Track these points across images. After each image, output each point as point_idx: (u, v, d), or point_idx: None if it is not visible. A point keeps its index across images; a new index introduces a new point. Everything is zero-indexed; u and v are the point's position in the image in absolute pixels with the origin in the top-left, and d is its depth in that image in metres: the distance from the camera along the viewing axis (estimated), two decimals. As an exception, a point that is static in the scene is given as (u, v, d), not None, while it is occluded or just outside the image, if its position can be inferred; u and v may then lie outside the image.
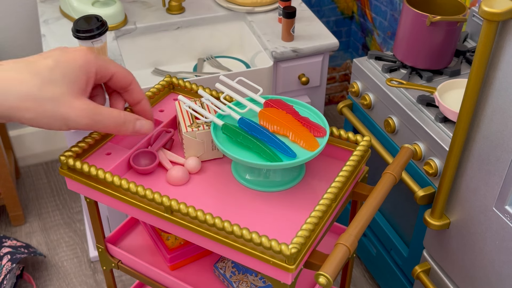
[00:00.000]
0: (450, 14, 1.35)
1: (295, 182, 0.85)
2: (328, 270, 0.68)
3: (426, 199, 1.26)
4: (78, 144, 0.86)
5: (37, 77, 0.68)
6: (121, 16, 1.54)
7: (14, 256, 1.63)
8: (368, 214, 0.76)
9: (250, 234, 0.71)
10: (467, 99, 0.95)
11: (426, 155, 1.26)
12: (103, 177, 0.80)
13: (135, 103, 0.82)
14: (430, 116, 1.26)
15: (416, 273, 1.28)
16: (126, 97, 0.82)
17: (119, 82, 0.79)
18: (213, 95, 0.95)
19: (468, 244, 1.10)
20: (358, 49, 2.27)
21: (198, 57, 1.68)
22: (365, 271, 1.78)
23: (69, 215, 1.97)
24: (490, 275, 1.06)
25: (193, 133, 0.85)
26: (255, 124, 0.82)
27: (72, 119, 0.71)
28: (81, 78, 0.72)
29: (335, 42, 1.52)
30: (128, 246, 1.02)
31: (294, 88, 1.56)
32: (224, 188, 0.85)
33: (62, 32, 1.52)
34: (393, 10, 1.94)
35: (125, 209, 0.83)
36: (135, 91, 0.81)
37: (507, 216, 0.97)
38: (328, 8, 2.18)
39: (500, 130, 0.92)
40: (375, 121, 1.44)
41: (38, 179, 2.11)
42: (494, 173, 0.96)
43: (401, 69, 1.41)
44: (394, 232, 1.50)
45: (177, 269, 0.98)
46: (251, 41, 1.59)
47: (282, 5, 1.52)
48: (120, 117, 0.76)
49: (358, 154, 0.83)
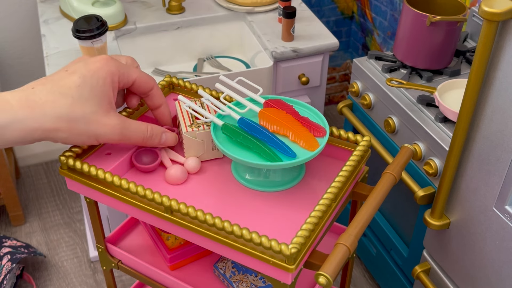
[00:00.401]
0: (450, 14, 1.35)
1: (295, 182, 0.85)
2: (328, 270, 0.68)
3: (426, 199, 1.26)
4: (78, 144, 0.86)
5: (67, 98, 0.71)
6: (121, 16, 1.54)
7: (14, 256, 1.63)
8: (368, 214, 0.76)
9: (250, 234, 0.71)
10: (467, 99, 0.95)
11: (426, 155, 1.26)
12: (103, 177, 0.80)
13: (155, 108, 0.86)
14: (430, 116, 1.26)
15: (416, 273, 1.28)
16: (147, 101, 0.85)
17: (141, 87, 0.81)
18: (213, 95, 0.95)
19: (468, 244, 1.10)
20: (358, 49, 2.27)
21: (198, 57, 1.68)
22: (365, 271, 1.78)
23: (69, 215, 1.97)
24: (490, 275, 1.06)
25: (193, 133, 0.85)
26: (255, 124, 0.82)
27: (103, 136, 0.75)
28: (108, 91, 0.75)
29: (335, 42, 1.52)
30: (128, 246, 1.02)
31: (294, 88, 1.56)
32: (224, 188, 0.85)
33: (62, 32, 1.52)
34: (393, 10, 1.94)
35: (125, 209, 0.83)
36: (156, 96, 0.84)
37: (507, 216, 0.97)
38: (328, 8, 2.18)
39: (500, 130, 0.92)
40: (375, 121, 1.44)
41: (38, 179, 2.11)
42: (494, 173, 0.96)
43: (401, 69, 1.41)
44: (394, 232, 1.50)
45: (177, 269, 0.98)
46: (251, 41, 1.59)
47: (282, 5, 1.52)
48: (147, 131, 0.80)
49: (358, 154, 0.83)
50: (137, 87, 0.81)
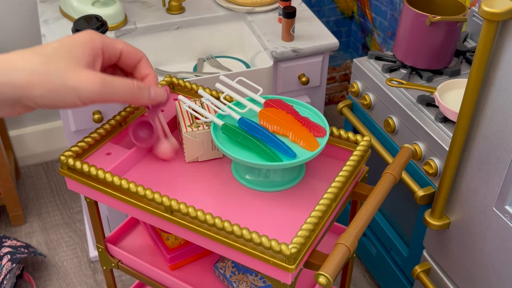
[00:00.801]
0: (450, 14, 1.35)
1: (295, 182, 0.85)
2: (328, 270, 0.68)
3: (426, 199, 1.26)
4: (78, 144, 0.86)
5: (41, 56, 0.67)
6: (121, 16, 1.54)
7: (14, 256, 1.63)
8: (368, 214, 0.76)
9: (250, 234, 0.71)
10: (467, 99, 0.95)
11: (426, 155, 1.26)
12: (103, 177, 0.80)
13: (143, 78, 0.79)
14: (430, 116, 1.26)
15: (416, 273, 1.28)
16: (135, 74, 0.79)
17: (129, 59, 0.77)
18: (213, 95, 0.95)
19: (468, 244, 1.10)
20: (358, 49, 2.27)
21: (198, 57, 1.68)
22: (365, 271, 1.78)
23: (69, 215, 1.97)
24: (490, 275, 1.06)
25: (193, 133, 0.85)
26: (255, 124, 0.82)
27: (84, 88, 0.68)
28: (87, 53, 0.71)
29: (335, 42, 1.52)
30: (128, 246, 1.02)
31: (294, 88, 1.56)
32: (224, 188, 0.85)
33: (62, 32, 1.52)
34: (393, 10, 1.94)
35: (125, 209, 0.83)
36: (143, 66, 0.79)
37: (507, 216, 0.97)
38: (328, 8, 2.18)
39: (500, 130, 0.92)
40: (375, 121, 1.44)
41: (38, 179, 2.11)
42: (494, 173, 0.96)
43: (401, 69, 1.41)
44: (394, 232, 1.50)
45: (177, 269, 0.98)
46: (251, 41, 1.59)
47: (282, 5, 1.52)
48: (133, 83, 0.73)
49: (358, 154, 0.83)
50: (125, 59, 0.77)
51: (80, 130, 1.46)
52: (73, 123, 1.43)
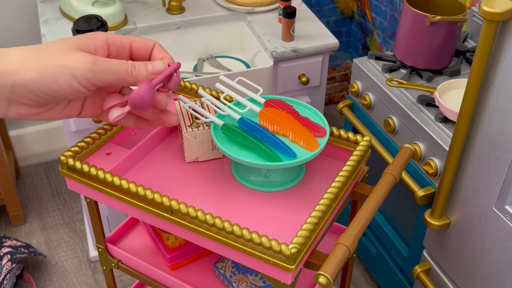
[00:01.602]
0: (450, 14, 1.35)
1: (295, 182, 0.85)
2: (328, 270, 0.68)
3: (426, 199, 1.26)
4: (78, 144, 0.86)
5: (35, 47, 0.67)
6: (121, 16, 1.54)
7: (14, 256, 1.63)
8: (368, 214, 0.76)
9: (250, 234, 0.71)
10: (467, 99, 0.95)
11: (426, 155, 1.26)
12: (103, 177, 0.80)
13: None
14: (430, 116, 1.26)
15: (416, 273, 1.28)
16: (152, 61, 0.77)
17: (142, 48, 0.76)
18: (213, 95, 0.95)
19: (468, 244, 1.10)
20: (358, 49, 2.27)
21: (198, 57, 1.68)
22: (365, 271, 1.78)
23: (69, 215, 1.97)
24: (490, 275, 1.06)
25: (193, 133, 0.85)
26: (255, 124, 0.82)
27: (77, 67, 0.67)
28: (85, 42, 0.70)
29: (335, 42, 1.52)
30: (128, 246, 1.02)
31: (294, 88, 1.56)
32: (224, 188, 0.85)
33: (62, 32, 1.52)
34: (393, 10, 1.94)
35: (125, 209, 0.83)
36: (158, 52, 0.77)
37: (507, 216, 0.97)
38: (328, 8, 2.18)
39: (500, 130, 0.92)
40: (375, 121, 1.44)
41: (38, 179, 2.11)
42: (494, 173, 0.96)
43: (401, 69, 1.41)
44: (394, 232, 1.50)
45: (177, 269, 0.98)
46: (251, 41, 1.59)
47: (282, 5, 1.52)
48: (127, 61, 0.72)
49: (358, 154, 0.83)
50: (138, 51, 0.76)
51: (80, 130, 1.46)
52: (73, 123, 1.43)
